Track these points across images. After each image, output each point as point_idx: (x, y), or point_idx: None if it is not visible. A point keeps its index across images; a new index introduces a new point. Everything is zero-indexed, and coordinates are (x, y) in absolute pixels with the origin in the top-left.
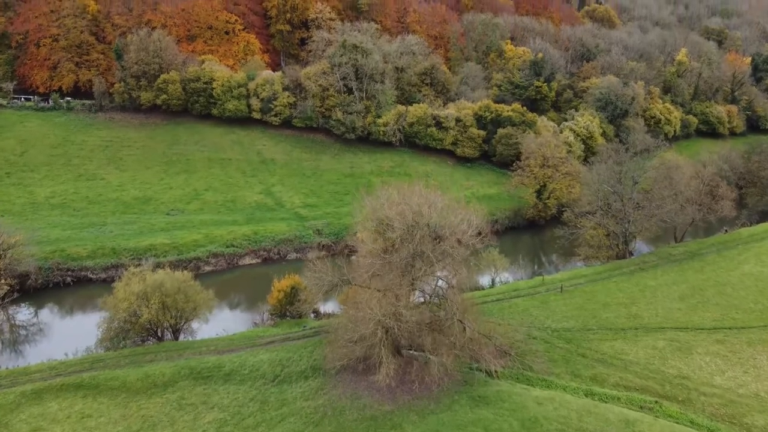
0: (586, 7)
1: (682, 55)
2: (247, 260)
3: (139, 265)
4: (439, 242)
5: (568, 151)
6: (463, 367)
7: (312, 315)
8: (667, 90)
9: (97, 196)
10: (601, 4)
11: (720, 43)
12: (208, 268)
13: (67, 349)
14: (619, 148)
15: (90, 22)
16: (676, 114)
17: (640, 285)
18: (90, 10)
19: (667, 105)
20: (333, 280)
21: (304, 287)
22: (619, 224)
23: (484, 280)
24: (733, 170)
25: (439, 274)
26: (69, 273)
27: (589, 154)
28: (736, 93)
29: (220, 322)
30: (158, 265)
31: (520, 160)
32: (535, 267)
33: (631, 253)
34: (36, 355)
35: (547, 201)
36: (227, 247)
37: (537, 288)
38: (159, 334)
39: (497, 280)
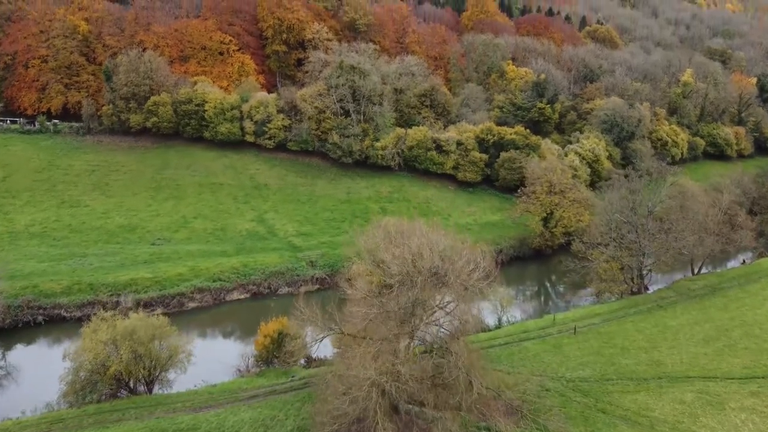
0: (587, 28)
1: (687, 75)
2: (235, 295)
3: (118, 302)
4: (443, 288)
5: (574, 176)
6: (470, 426)
7: (302, 361)
8: (672, 111)
9: (80, 224)
10: (602, 24)
11: (724, 63)
12: (192, 305)
13: (25, 404)
14: (632, 175)
15: (80, 42)
16: (683, 136)
17: (659, 325)
18: (80, 30)
19: (674, 127)
20: (322, 330)
21: (293, 332)
22: (634, 257)
23: (490, 319)
24: (746, 195)
25: (442, 321)
26: (40, 311)
27: (595, 178)
28: (743, 114)
29: (201, 369)
30: (138, 303)
31: (524, 185)
32: (542, 298)
33: (646, 288)
34: None
35: (554, 229)
36: (214, 281)
37: (548, 329)
38: (131, 386)
39: (504, 319)
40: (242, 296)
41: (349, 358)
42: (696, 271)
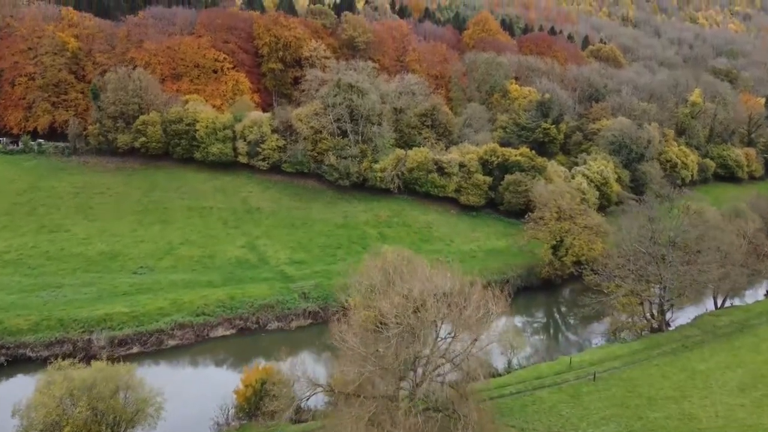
0: (590, 47)
1: (695, 95)
2: (220, 331)
3: (90, 340)
4: (449, 341)
5: (582, 199)
6: None
7: (290, 414)
8: (681, 132)
9: (59, 251)
10: (605, 43)
11: (731, 83)
12: (172, 342)
13: None
14: (649, 201)
15: (69, 59)
16: (693, 158)
17: (687, 370)
18: (69, 47)
19: (683, 148)
20: (308, 386)
21: (279, 380)
22: (655, 290)
23: (499, 362)
24: (764, 219)
25: (448, 374)
26: (2, 351)
27: (604, 201)
28: (753, 135)
29: (174, 424)
30: (112, 341)
31: (530, 209)
32: (553, 332)
33: (668, 324)
34: None
35: (564, 258)
36: (197, 315)
37: (564, 374)
38: None
39: (515, 361)
40: (228, 332)
41: (341, 423)
42: (719, 304)
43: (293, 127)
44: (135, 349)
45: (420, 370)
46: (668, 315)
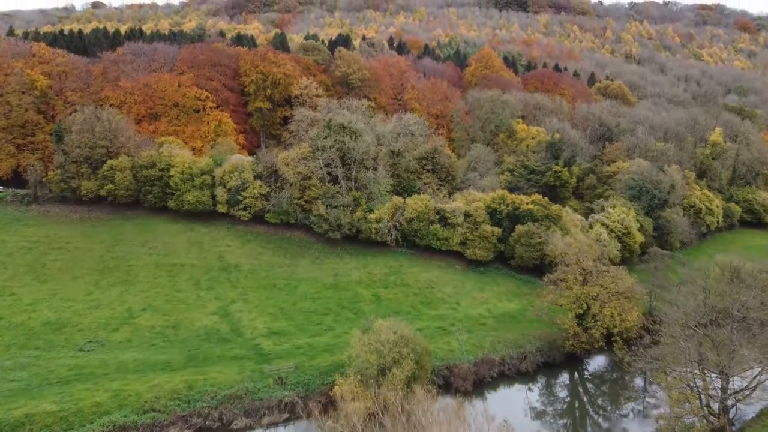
0: (597, 84)
1: (716, 135)
2: None
3: None
4: None
5: (603, 251)
6: None
7: None
8: (701, 174)
9: None
10: (611, 80)
11: (750, 121)
12: None
13: None
14: (706, 270)
15: (37, 98)
16: (717, 202)
17: None
18: (38, 85)
19: (706, 192)
20: None
21: None
22: (714, 381)
23: None
24: None
25: None
26: None
27: (626, 253)
28: None
29: None
30: None
31: (545, 264)
32: (579, 416)
33: (731, 423)
34: None
35: (592, 330)
36: (144, 413)
37: None
38: None
39: None
40: None
41: None
42: None
43: (279, 173)
44: None
45: None
46: (732, 413)
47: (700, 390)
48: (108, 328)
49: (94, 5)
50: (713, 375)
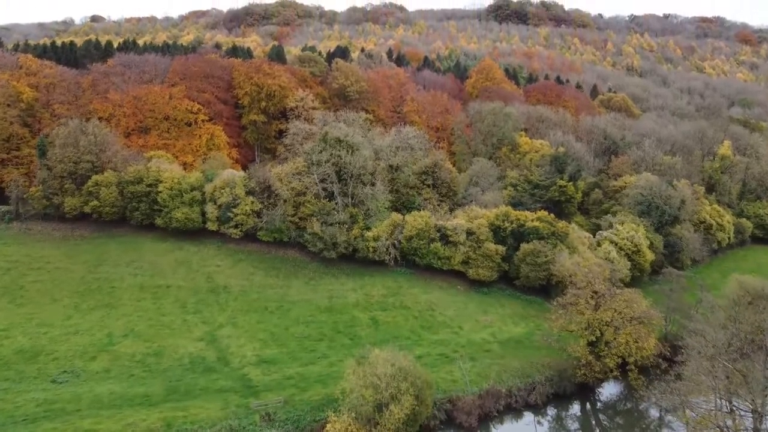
0: (600, 96)
1: (725, 148)
2: None
3: None
4: None
5: (612, 270)
6: None
7: None
8: (710, 189)
9: None
10: (614, 92)
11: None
12: None
13: None
14: (734, 296)
15: (23, 111)
16: (728, 218)
17: None
18: (24, 98)
19: (716, 207)
20: None
21: None
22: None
23: None
24: None
25: None
26: None
27: (636, 272)
28: None
29: None
30: None
31: (552, 284)
32: None
33: None
34: None
35: (605, 359)
36: None
37: None
38: None
39: None
40: None
41: None
42: None
43: (272, 188)
44: None
45: None
46: None
47: (730, 430)
48: (85, 357)
49: (93, 19)
50: (744, 413)
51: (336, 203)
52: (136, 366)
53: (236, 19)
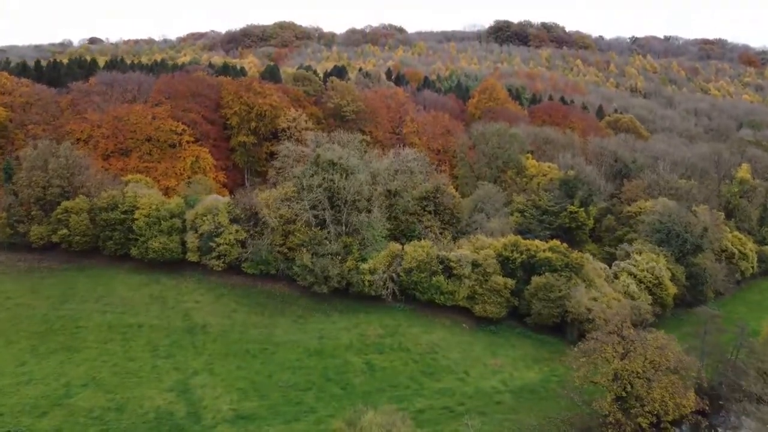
0: (606, 117)
1: (743, 171)
2: None
3: None
4: None
5: (632, 306)
6: None
7: None
8: (728, 214)
9: None
10: (620, 113)
11: None
12: None
13: None
14: None
15: None
16: (751, 245)
17: None
18: None
19: (737, 234)
20: None
21: None
22: None
23: None
24: None
25: None
26: None
27: (657, 308)
28: None
29: None
30: None
31: (567, 321)
32: None
33: None
34: None
35: (638, 418)
36: None
37: None
38: None
39: None
40: None
41: None
42: None
43: (259, 216)
44: None
45: None
46: None
47: None
48: (36, 411)
49: (91, 41)
50: None
51: (328, 232)
52: (92, 424)
53: (234, 41)
